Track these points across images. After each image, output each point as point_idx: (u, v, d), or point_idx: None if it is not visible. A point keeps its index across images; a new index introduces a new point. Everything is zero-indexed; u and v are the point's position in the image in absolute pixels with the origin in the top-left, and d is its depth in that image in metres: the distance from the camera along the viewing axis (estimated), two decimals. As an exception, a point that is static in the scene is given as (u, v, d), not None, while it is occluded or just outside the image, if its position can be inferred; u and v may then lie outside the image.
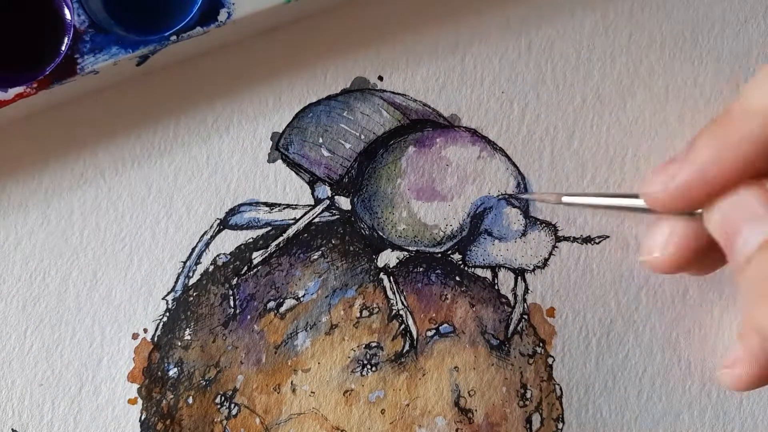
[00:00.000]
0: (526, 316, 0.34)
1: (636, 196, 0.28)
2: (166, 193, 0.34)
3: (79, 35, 0.31)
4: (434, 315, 0.34)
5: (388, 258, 0.34)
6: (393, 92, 0.34)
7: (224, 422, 0.33)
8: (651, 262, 0.28)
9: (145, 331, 0.33)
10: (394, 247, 0.34)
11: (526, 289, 0.34)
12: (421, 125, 0.34)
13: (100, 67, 0.31)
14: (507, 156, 0.34)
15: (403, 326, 0.34)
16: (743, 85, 0.25)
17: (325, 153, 0.34)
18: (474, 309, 0.34)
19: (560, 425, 0.33)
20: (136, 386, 0.33)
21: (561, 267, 0.34)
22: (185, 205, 0.34)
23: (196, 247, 0.34)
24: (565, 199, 0.32)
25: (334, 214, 0.34)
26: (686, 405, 0.34)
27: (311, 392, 0.33)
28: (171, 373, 0.33)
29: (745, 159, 0.24)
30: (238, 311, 0.33)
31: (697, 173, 0.24)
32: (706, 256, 0.28)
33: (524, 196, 0.34)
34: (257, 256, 0.34)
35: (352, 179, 0.34)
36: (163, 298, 0.33)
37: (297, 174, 0.34)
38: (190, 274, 0.34)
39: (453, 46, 0.35)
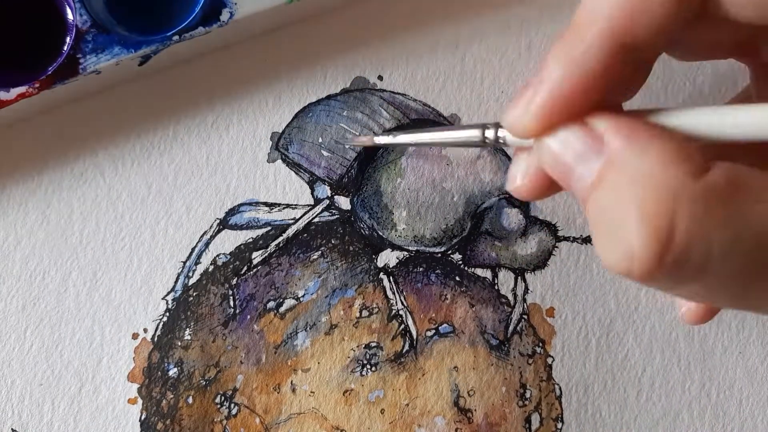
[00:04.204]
0: (525, 316, 0.34)
1: (476, 127, 0.27)
2: (165, 193, 0.34)
3: (81, 35, 0.31)
4: (434, 315, 0.34)
5: (388, 258, 0.34)
6: (393, 92, 0.35)
7: (224, 422, 0.33)
8: (514, 190, 0.27)
9: (145, 331, 0.33)
10: (394, 247, 0.34)
11: (526, 289, 0.34)
12: (421, 125, 0.34)
13: (102, 67, 0.31)
14: (507, 156, 0.34)
15: (402, 326, 0.34)
16: None
17: (325, 153, 0.34)
18: (474, 309, 0.34)
19: (559, 425, 0.33)
20: (136, 386, 0.33)
21: (561, 267, 0.34)
22: (185, 205, 0.34)
23: (195, 247, 0.34)
24: (377, 139, 0.31)
25: (334, 214, 0.34)
26: (686, 405, 0.34)
27: (311, 392, 0.33)
28: (171, 372, 0.33)
29: (594, 72, 0.22)
30: (237, 311, 0.33)
31: (551, 96, 0.23)
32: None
33: (348, 143, 0.33)
34: (257, 256, 0.34)
35: (351, 179, 0.34)
36: (163, 298, 0.33)
37: (297, 174, 0.34)
38: (190, 274, 0.34)
39: (453, 46, 0.35)
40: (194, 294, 0.34)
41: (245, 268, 0.34)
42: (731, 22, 0.24)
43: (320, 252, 0.34)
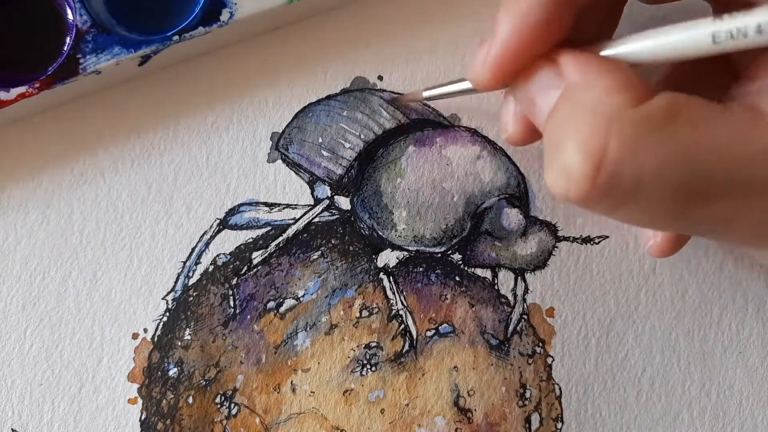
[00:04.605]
0: (525, 316, 0.34)
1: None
2: (165, 193, 0.34)
3: (81, 35, 0.31)
4: (434, 315, 0.34)
5: (388, 258, 0.34)
6: (393, 92, 0.35)
7: (224, 422, 0.33)
8: (508, 138, 0.29)
9: (145, 331, 0.33)
10: (394, 247, 0.34)
11: (526, 289, 0.34)
12: (421, 125, 0.34)
13: (102, 67, 0.31)
14: (507, 156, 0.34)
15: (402, 326, 0.34)
16: None
17: (325, 153, 0.34)
18: (473, 309, 0.34)
19: (559, 425, 0.33)
20: (136, 386, 0.33)
21: (561, 267, 0.34)
22: (185, 205, 0.34)
23: (195, 247, 0.34)
24: (425, 93, 0.32)
25: (334, 214, 0.34)
26: (686, 405, 0.34)
27: (311, 392, 0.33)
28: (171, 372, 0.33)
29: (537, 25, 0.24)
30: (238, 311, 0.33)
31: (502, 49, 0.25)
32: None
33: (400, 101, 0.34)
34: (257, 256, 0.34)
35: (351, 179, 0.34)
36: (163, 298, 0.33)
37: (297, 174, 0.34)
38: (190, 274, 0.34)
39: (453, 46, 0.35)
40: (194, 294, 0.34)
41: (245, 268, 0.34)
42: None
43: (320, 252, 0.34)
